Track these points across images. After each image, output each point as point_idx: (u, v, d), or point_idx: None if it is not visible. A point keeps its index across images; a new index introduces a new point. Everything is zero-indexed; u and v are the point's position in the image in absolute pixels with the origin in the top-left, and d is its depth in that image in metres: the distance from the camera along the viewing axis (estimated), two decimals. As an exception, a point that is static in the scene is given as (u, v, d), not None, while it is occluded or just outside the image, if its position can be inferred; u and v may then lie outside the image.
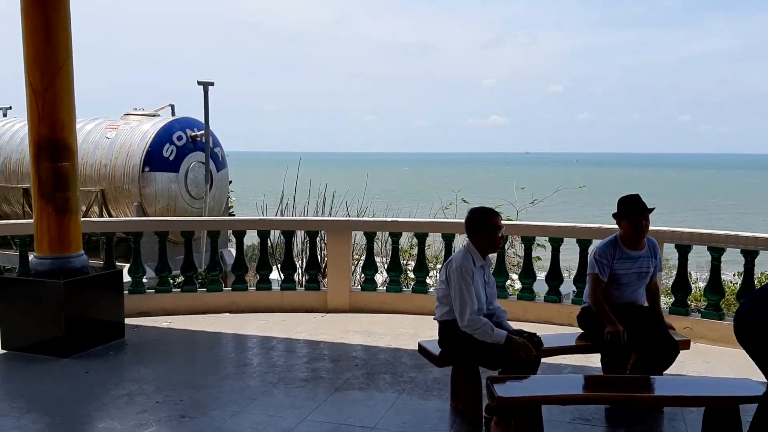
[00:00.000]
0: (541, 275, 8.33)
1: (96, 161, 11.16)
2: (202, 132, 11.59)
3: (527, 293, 7.80)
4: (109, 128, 11.53)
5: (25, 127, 11.93)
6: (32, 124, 6.39)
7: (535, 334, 4.69)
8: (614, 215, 5.10)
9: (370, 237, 8.43)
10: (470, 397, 4.82)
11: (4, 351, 6.49)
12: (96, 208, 11.23)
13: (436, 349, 4.90)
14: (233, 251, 12.21)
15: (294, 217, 11.96)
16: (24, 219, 10.34)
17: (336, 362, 6.26)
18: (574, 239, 7.58)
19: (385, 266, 8.69)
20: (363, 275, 8.50)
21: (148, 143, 11.07)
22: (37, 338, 6.45)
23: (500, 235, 4.73)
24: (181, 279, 8.90)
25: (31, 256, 6.83)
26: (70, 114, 6.46)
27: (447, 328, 4.76)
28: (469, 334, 4.56)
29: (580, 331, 5.37)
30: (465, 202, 12.99)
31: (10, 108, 13.65)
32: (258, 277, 8.44)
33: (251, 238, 10.63)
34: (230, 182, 13.88)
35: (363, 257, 9.66)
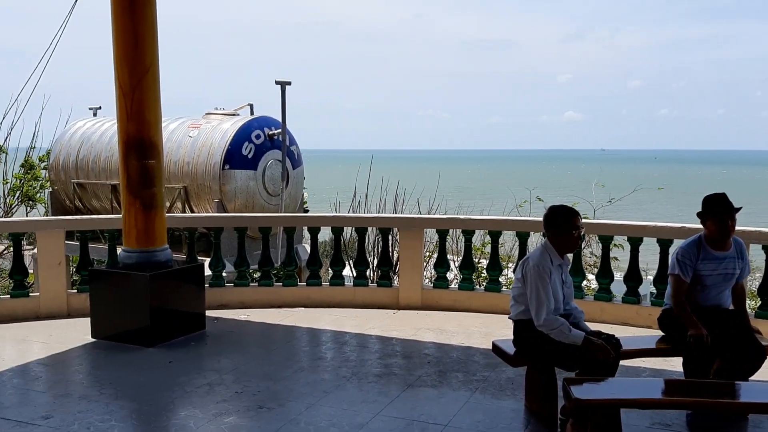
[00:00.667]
0: (618, 276, 8.14)
1: (179, 159, 11.58)
2: (280, 130, 11.84)
3: (604, 294, 7.63)
4: (192, 127, 11.94)
5: (113, 126, 12.53)
6: (121, 123, 6.69)
7: (613, 335, 4.60)
8: (698, 214, 4.92)
9: (443, 234, 8.43)
10: (545, 398, 4.77)
11: (94, 340, 6.84)
12: (179, 204, 11.65)
13: (510, 349, 4.86)
14: (308, 247, 12.45)
15: (367, 214, 12.07)
16: (112, 214, 10.83)
17: (408, 359, 6.30)
18: (654, 239, 7.36)
19: (457, 264, 8.66)
20: (435, 272, 8.51)
21: (228, 142, 11.40)
22: (124, 328, 6.76)
23: (578, 235, 4.66)
24: (258, 273, 9.13)
25: (119, 250, 7.15)
26: (157, 113, 6.73)
27: (522, 327, 4.72)
28: (545, 334, 4.51)
29: (659, 333, 5.21)
30: (540, 200, 12.80)
31: (100, 108, 14.31)
32: (331, 273, 8.57)
33: (324, 235, 10.80)
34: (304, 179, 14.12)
35: (435, 254, 9.66)
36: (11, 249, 8.41)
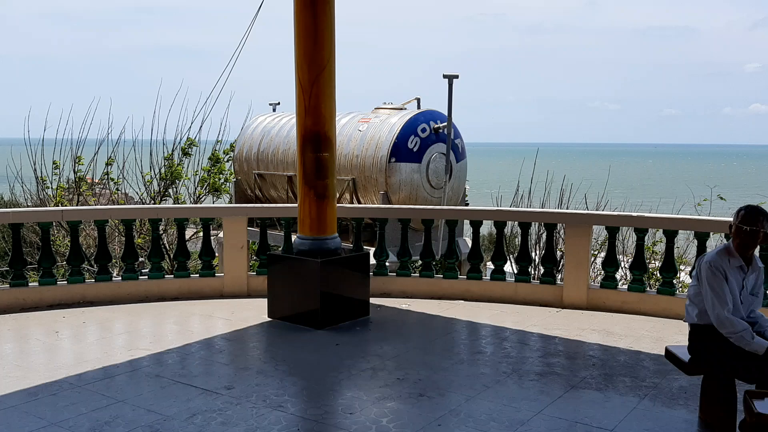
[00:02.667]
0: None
1: (349, 152, 12.05)
2: (445, 124, 11.94)
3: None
4: (361, 122, 12.37)
5: (290, 121, 13.29)
6: (299, 117, 7.10)
7: (805, 349, 4.19)
8: None
9: (612, 232, 8.10)
10: (723, 410, 4.45)
11: (270, 319, 7.35)
12: (347, 195, 12.14)
13: (685, 355, 4.59)
14: (468, 240, 12.44)
15: (532, 209, 11.84)
16: (287, 203, 11.52)
17: (571, 359, 6.14)
18: None
19: (625, 264, 8.27)
20: (603, 272, 8.20)
21: (395, 135, 11.68)
22: (296, 310, 7.20)
23: (756, 239, 4.30)
24: (419, 264, 9.31)
25: (293, 237, 7.61)
26: (332, 109, 7.07)
27: (699, 332, 4.43)
28: (724, 340, 4.21)
29: None
30: (721, 198, 11.85)
31: (279, 104, 15.24)
32: (492, 267, 8.54)
33: (484, 228, 10.74)
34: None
35: (602, 253, 9.29)
36: (197, 234, 9.17)
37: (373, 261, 8.47)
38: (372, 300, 7.71)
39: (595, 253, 11.04)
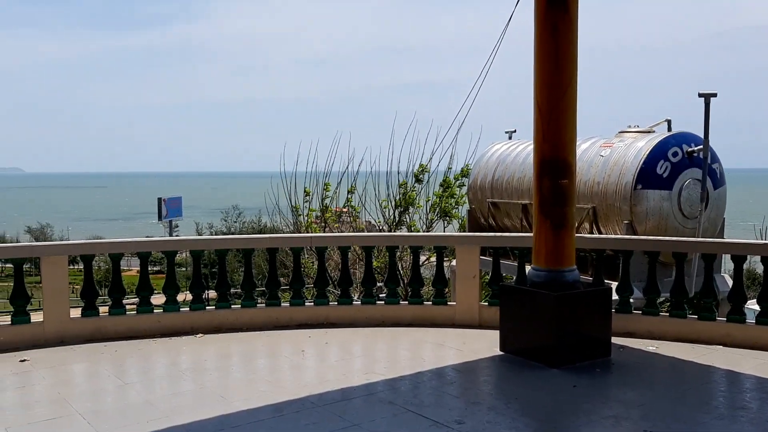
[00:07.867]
0: None
1: (589, 179, 11.47)
2: (700, 147, 10.87)
3: None
4: (604, 146, 11.73)
5: (526, 148, 13.05)
6: (537, 143, 6.87)
7: None
8: None
9: None
10: None
11: (501, 353, 7.11)
12: (587, 225, 11.53)
13: None
14: (727, 278, 11.09)
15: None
16: (521, 232, 11.24)
17: None
18: None
19: None
20: None
21: (642, 160, 10.90)
22: (529, 345, 6.89)
23: None
24: (668, 302, 8.45)
25: (527, 268, 7.33)
26: (572, 134, 6.76)
27: None
28: None
29: None
30: None
31: (515, 131, 15.10)
32: (758, 309, 7.44)
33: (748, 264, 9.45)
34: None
35: None
36: (428, 260, 9.19)
37: (615, 297, 7.85)
38: (614, 340, 7.12)
39: None
